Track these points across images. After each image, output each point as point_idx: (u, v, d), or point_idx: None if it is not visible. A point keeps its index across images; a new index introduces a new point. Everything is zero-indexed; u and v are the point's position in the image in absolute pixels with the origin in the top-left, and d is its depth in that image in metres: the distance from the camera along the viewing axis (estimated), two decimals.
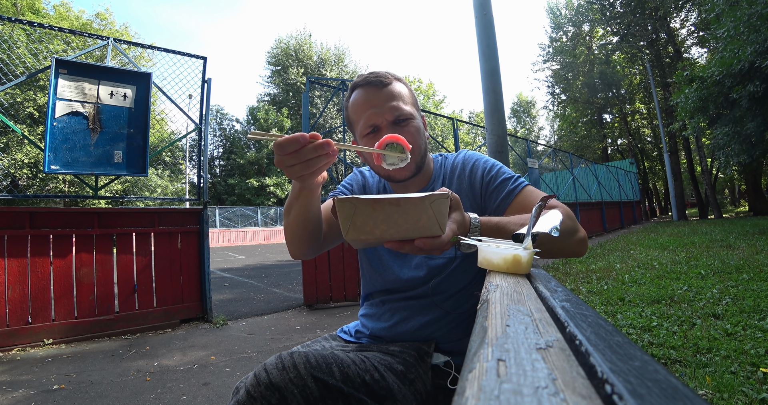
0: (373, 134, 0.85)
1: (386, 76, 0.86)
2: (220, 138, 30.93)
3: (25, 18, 6.66)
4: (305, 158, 0.57)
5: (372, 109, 0.84)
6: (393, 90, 0.85)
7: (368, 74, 0.87)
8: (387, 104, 0.84)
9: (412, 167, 0.86)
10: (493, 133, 3.69)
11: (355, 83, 0.89)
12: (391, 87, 0.85)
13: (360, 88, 0.87)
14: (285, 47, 30.42)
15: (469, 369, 0.22)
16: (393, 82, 0.86)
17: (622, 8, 20.22)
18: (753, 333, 2.27)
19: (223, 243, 19.30)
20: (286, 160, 0.57)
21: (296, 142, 0.56)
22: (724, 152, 10.12)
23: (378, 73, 0.86)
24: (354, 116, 0.88)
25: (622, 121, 26.02)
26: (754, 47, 7.67)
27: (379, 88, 0.85)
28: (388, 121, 0.84)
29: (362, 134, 0.87)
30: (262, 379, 0.62)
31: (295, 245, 0.81)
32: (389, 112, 0.84)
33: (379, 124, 0.84)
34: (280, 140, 0.56)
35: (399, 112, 0.84)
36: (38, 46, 3.56)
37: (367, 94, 0.85)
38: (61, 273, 3.06)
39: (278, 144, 0.56)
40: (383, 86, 0.85)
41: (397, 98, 0.85)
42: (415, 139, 0.85)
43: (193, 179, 21.46)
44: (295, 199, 0.73)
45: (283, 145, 0.56)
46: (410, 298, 0.89)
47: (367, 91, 0.85)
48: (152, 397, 2.02)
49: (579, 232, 0.78)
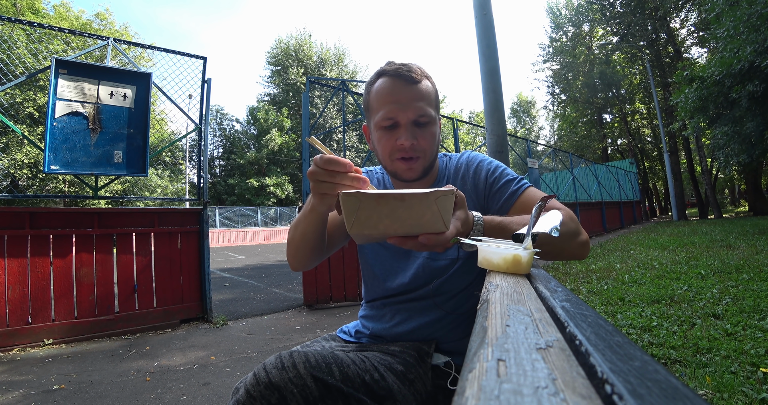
0: (390, 129, 0.83)
1: (417, 71, 0.83)
2: (220, 138, 30.95)
3: (24, 18, 6.66)
4: (339, 181, 0.59)
5: (396, 104, 0.81)
6: (421, 89, 0.82)
7: (400, 65, 0.83)
8: (413, 103, 0.81)
9: (419, 170, 0.85)
10: (493, 133, 3.68)
11: (383, 70, 0.84)
12: (420, 85, 0.82)
13: (388, 77, 0.83)
14: (285, 47, 30.43)
15: (469, 369, 0.22)
16: (423, 81, 0.83)
17: (622, 8, 20.22)
18: (753, 333, 2.27)
19: (223, 243, 19.30)
20: (321, 174, 0.59)
21: (341, 165, 0.58)
22: (723, 152, 10.11)
23: (410, 67, 0.83)
24: (375, 104, 0.84)
25: (622, 121, 26.02)
26: (753, 47, 7.66)
27: (408, 84, 0.81)
28: (409, 119, 0.81)
29: (379, 125, 0.84)
30: (262, 378, 0.62)
31: (298, 259, 0.83)
32: (413, 111, 0.81)
33: (399, 121, 0.82)
34: (330, 156, 0.58)
35: (422, 113, 0.82)
36: (38, 46, 3.56)
37: (394, 85, 0.82)
38: (61, 273, 3.06)
39: (326, 158, 0.58)
40: (413, 83, 0.82)
41: (424, 98, 0.82)
42: (429, 145, 0.84)
43: (193, 179, 21.47)
44: (304, 217, 0.75)
45: (329, 160, 0.58)
46: (412, 300, 0.89)
47: (395, 83, 0.82)
48: (152, 397, 2.02)
49: (581, 235, 0.78)
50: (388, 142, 0.83)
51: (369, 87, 0.87)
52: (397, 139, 0.82)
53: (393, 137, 0.82)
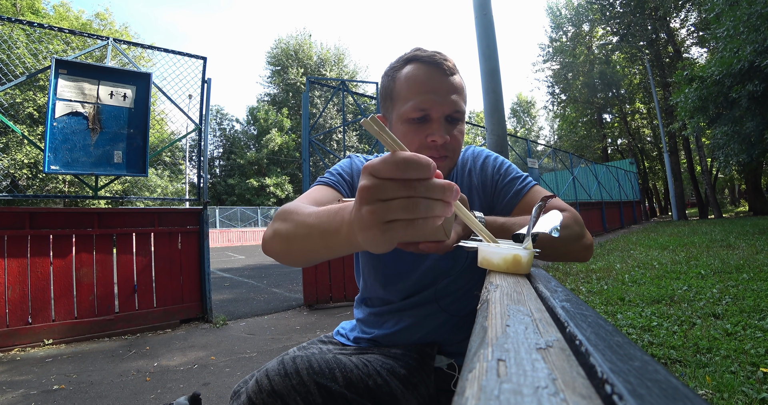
0: (420, 122, 0.75)
1: (452, 62, 0.77)
2: (220, 138, 30.95)
3: (24, 18, 6.66)
4: (423, 195, 0.33)
5: (432, 95, 0.74)
6: (456, 82, 0.76)
7: (433, 52, 0.76)
8: (450, 96, 0.75)
9: (445, 171, 0.80)
10: (493, 133, 3.68)
11: (415, 55, 0.77)
12: (456, 77, 0.77)
13: (422, 64, 0.76)
14: (285, 47, 30.43)
15: (469, 369, 0.22)
16: (457, 74, 0.78)
17: (622, 8, 20.23)
18: (753, 333, 2.27)
19: (223, 243, 19.30)
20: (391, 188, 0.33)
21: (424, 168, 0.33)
22: (723, 152, 10.12)
23: (446, 57, 0.77)
24: (404, 92, 0.76)
25: (622, 121, 26.02)
26: (753, 47, 7.67)
27: (446, 75, 0.75)
28: (444, 113, 0.75)
29: (407, 117, 0.75)
30: (264, 385, 0.61)
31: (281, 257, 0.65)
32: (449, 106, 0.75)
33: (431, 114, 0.75)
34: (406, 154, 0.33)
35: (457, 108, 0.76)
36: (38, 46, 3.55)
37: (431, 74, 0.75)
38: (61, 273, 3.06)
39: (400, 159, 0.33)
40: (450, 74, 0.76)
41: (460, 93, 0.77)
42: (459, 145, 0.79)
43: (193, 179, 21.45)
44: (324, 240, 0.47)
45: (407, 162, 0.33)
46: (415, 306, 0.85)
47: (432, 71, 0.75)
48: (152, 398, 2.02)
49: (585, 238, 0.77)
50: (416, 137, 0.75)
51: (394, 73, 0.79)
52: (428, 135, 0.74)
53: (423, 132, 0.75)
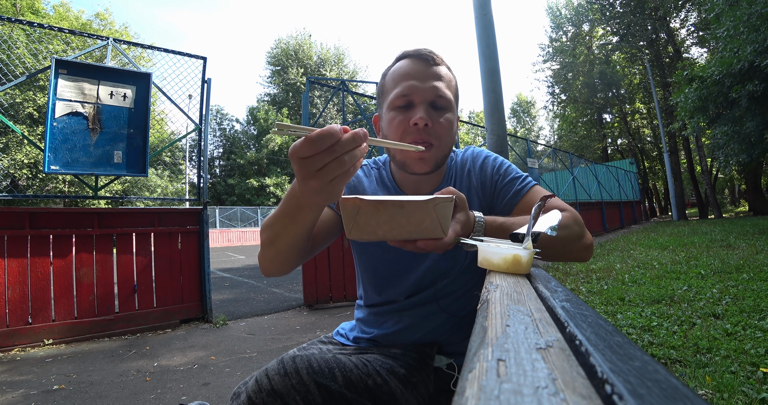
0: (404, 109, 0.77)
1: (439, 56, 0.81)
2: (220, 138, 30.97)
3: (24, 18, 6.65)
4: (342, 151, 0.46)
5: (414, 81, 0.76)
6: (440, 71, 0.79)
7: (422, 48, 0.81)
8: (430, 82, 0.77)
9: (432, 162, 0.79)
10: (493, 133, 3.69)
11: (404, 53, 0.82)
12: (440, 68, 0.79)
13: (408, 59, 0.80)
14: (285, 47, 30.44)
15: (469, 369, 0.22)
16: (443, 65, 0.81)
17: (622, 8, 20.23)
18: (753, 333, 2.27)
19: (223, 243, 19.30)
20: (318, 160, 0.46)
21: (332, 136, 0.45)
22: (723, 152, 10.12)
23: (432, 51, 0.80)
24: (390, 84, 0.80)
25: (622, 121, 26.01)
26: (753, 47, 7.67)
27: (429, 65, 0.78)
28: (425, 100, 0.76)
29: (393, 105, 0.78)
30: (264, 385, 0.61)
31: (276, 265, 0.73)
32: (430, 91, 0.76)
33: (414, 100, 0.77)
34: (314, 134, 0.45)
35: (440, 94, 0.77)
36: (38, 46, 3.55)
37: (413, 65, 0.79)
38: (61, 273, 3.06)
39: (310, 139, 0.45)
40: (433, 64, 0.79)
41: (444, 80, 0.79)
42: (445, 132, 0.79)
43: (193, 179, 21.45)
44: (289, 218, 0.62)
45: (315, 139, 0.45)
46: (415, 306, 0.86)
47: (415, 63, 0.79)
48: (152, 398, 2.02)
49: (585, 238, 0.77)
50: (401, 124, 0.77)
51: (386, 71, 0.84)
52: (410, 119, 0.76)
53: (406, 118, 0.76)
